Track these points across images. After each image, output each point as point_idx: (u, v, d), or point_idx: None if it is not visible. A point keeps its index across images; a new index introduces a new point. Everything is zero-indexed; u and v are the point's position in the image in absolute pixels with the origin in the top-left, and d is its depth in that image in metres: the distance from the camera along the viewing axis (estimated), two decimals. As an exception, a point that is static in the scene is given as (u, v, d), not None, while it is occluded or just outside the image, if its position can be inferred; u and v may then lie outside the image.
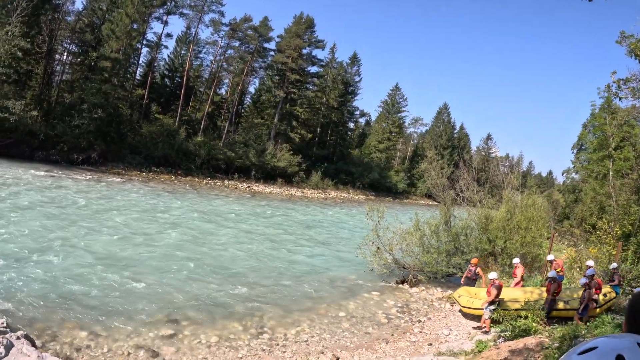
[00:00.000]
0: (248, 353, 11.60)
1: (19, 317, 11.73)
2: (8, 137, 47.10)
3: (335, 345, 12.57)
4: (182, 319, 13.16)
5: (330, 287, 18.34)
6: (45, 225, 21.94)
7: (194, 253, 20.93)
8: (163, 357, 10.99)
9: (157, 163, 57.06)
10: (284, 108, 71.20)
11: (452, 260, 20.26)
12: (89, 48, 58.69)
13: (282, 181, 65.45)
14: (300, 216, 39.18)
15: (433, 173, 27.81)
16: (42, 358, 7.85)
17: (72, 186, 35.87)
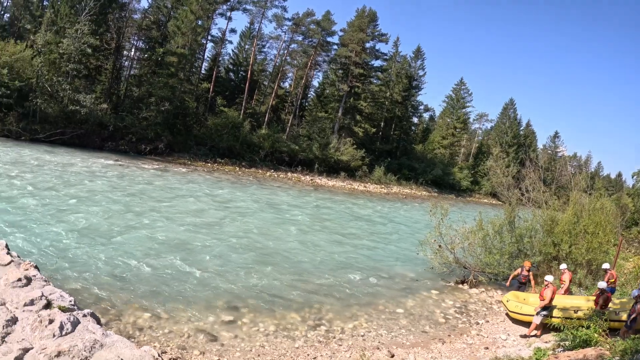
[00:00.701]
0: (304, 344, 11.74)
1: (86, 296, 12.39)
2: (80, 128, 49.62)
3: (391, 342, 12.51)
4: (242, 307, 13.45)
5: (389, 283, 18.23)
6: (114, 211, 23.02)
7: (256, 243, 21.32)
8: (221, 342, 11.27)
9: (221, 154, 58.34)
10: (347, 102, 70.98)
11: (515, 263, 19.62)
12: (156, 44, 60.64)
13: (345, 175, 65.29)
14: (361, 211, 39.10)
15: (498, 171, 27.27)
16: (106, 335, 8.11)
17: (140, 175, 37.35)
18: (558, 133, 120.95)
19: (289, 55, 75.32)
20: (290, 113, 72.59)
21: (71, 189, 26.69)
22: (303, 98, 78.50)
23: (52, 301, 9.04)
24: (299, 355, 11.07)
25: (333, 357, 11.19)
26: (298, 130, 69.86)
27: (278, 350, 11.24)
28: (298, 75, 76.82)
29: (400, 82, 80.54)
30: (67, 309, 8.77)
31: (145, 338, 10.83)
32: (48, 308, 8.75)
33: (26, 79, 49.13)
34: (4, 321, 7.99)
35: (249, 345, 11.31)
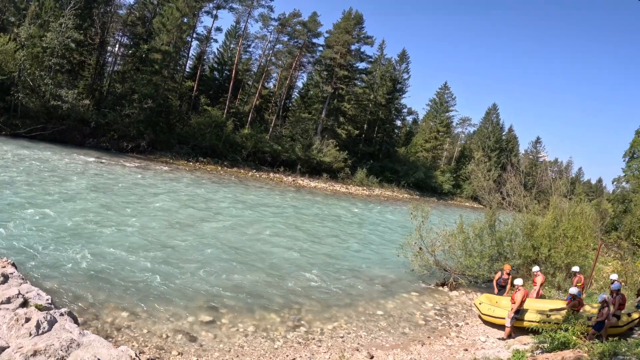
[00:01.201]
0: (284, 345, 11.76)
1: (63, 295, 12.27)
2: (61, 124, 49.16)
3: (371, 344, 12.56)
4: (221, 307, 13.43)
5: (369, 285, 18.29)
6: (92, 209, 22.76)
7: (236, 243, 21.26)
8: (200, 342, 11.26)
9: (204, 153, 58.09)
10: (331, 103, 71.10)
11: (495, 266, 19.74)
12: (140, 40, 60.40)
13: (327, 176, 65.41)
14: (343, 212, 39.17)
15: (480, 175, 27.40)
16: (84, 335, 8.09)
17: (120, 172, 37.06)
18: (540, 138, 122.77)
19: (274, 55, 75.34)
20: (273, 113, 72.54)
21: (50, 186, 26.31)
22: (287, 99, 78.58)
23: (28, 299, 9.00)
24: (278, 356, 11.08)
25: (312, 358, 11.20)
26: (281, 130, 69.85)
27: (257, 351, 11.24)
28: (282, 75, 76.86)
29: (385, 85, 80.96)
30: (44, 308, 8.73)
31: (123, 338, 10.76)
32: (25, 306, 8.71)
33: (8, 72, 48.35)
34: None
35: (228, 345, 11.30)
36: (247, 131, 63.23)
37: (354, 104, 75.41)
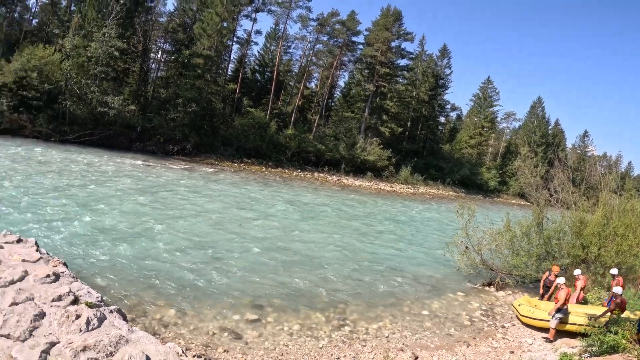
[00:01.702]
0: (328, 344, 11.75)
1: (113, 293, 12.66)
2: (108, 129, 50.70)
3: (416, 344, 12.43)
4: (267, 306, 13.53)
5: (415, 284, 18.10)
6: (141, 210, 23.49)
7: (281, 242, 21.40)
8: (246, 340, 11.36)
9: (248, 154, 58.73)
10: (374, 102, 70.74)
11: (543, 265, 19.14)
12: (182, 46, 61.76)
13: (372, 175, 65.04)
14: (388, 211, 38.94)
15: (526, 171, 26.88)
16: (132, 331, 8.31)
17: (167, 175, 37.96)
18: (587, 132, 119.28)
19: (314, 55, 75.51)
20: (316, 113, 72.65)
21: (99, 189, 27.20)
22: (329, 98, 78.56)
23: (79, 297, 9.31)
24: (323, 355, 11.08)
25: (357, 357, 11.17)
26: (324, 130, 69.92)
27: (302, 350, 11.26)
28: (324, 75, 76.88)
29: (427, 81, 80.00)
30: (94, 305, 8.99)
31: (170, 335, 10.99)
32: (75, 304, 9.01)
33: (55, 81, 50.34)
34: (32, 316, 8.22)
35: (273, 344, 11.37)
36: (290, 131, 63.66)
37: (397, 102, 74.80)
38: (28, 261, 11.07)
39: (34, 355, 7.22)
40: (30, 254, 11.49)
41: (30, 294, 9.15)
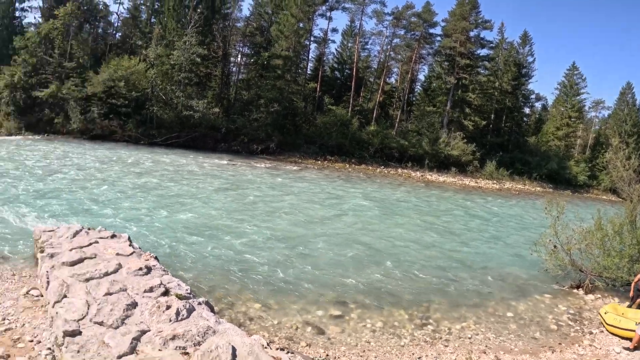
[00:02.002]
0: (410, 342, 11.66)
1: (201, 286, 13.27)
2: (194, 131, 53.14)
3: (499, 347, 12.07)
4: (351, 302, 13.62)
5: (500, 284, 17.55)
6: (227, 207, 24.63)
7: (365, 238, 21.45)
8: (328, 335, 11.51)
9: (331, 152, 59.27)
10: (455, 94, 69.06)
11: (635, 267, 17.69)
12: (260, 49, 63.55)
13: (456, 170, 63.38)
14: (473, 207, 38.06)
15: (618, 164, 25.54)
16: (219, 323, 8.66)
17: (252, 173, 39.30)
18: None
19: (392, 50, 74.79)
20: (398, 108, 71.85)
21: (187, 188, 28.71)
22: (410, 93, 77.56)
23: (169, 289, 9.86)
24: (404, 354, 10.99)
25: (438, 357, 11.01)
26: (407, 125, 69.13)
27: (383, 347, 11.24)
28: (403, 69, 75.88)
29: (509, 71, 76.52)
30: (183, 297, 9.48)
31: (255, 327, 11.33)
32: (166, 295, 9.56)
33: (142, 89, 53.71)
34: (124, 305, 8.80)
35: (355, 340, 11.43)
36: (372, 128, 63.51)
37: (479, 94, 72.22)
38: (122, 255, 11.85)
39: (125, 341, 7.67)
40: (124, 249, 12.30)
41: (123, 285, 9.80)
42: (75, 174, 29.55)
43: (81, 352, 7.53)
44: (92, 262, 11.23)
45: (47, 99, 55.82)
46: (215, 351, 7.37)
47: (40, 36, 60.10)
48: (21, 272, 12.93)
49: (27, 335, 9.56)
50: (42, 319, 10.13)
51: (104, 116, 53.17)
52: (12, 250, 14.67)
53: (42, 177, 28.05)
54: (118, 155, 40.49)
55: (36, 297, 11.28)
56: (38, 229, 14.06)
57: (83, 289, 9.66)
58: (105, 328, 8.22)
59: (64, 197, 23.30)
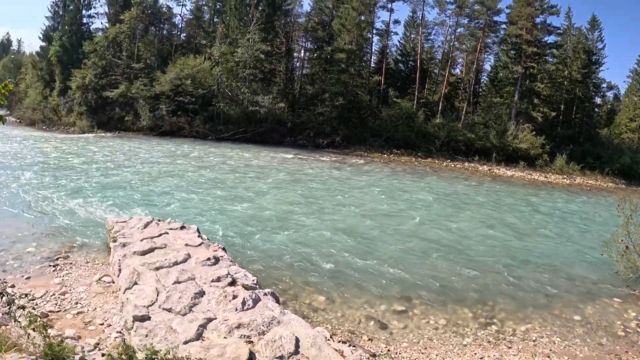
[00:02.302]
0: (473, 342, 11.43)
1: (267, 277, 13.56)
2: (260, 126, 54.23)
3: (564, 352, 11.56)
4: (415, 298, 13.52)
5: (567, 285, 16.72)
6: (293, 200, 25.05)
7: (432, 234, 21.25)
8: (391, 330, 11.47)
9: (397, 145, 58.87)
10: (523, 84, 66.61)
11: None
12: (323, 43, 63.96)
13: (524, 164, 60.93)
14: (542, 203, 36.67)
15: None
16: (284, 314, 8.84)
17: (318, 167, 39.70)
18: None
19: (456, 40, 73.17)
20: (464, 100, 70.17)
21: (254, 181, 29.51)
22: (476, 84, 75.50)
23: (236, 279, 10.13)
24: (466, 354, 10.81)
25: (500, 359, 10.78)
26: (473, 117, 67.37)
27: (445, 345, 11.10)
28: (468, 60, 74.17)
29: (578, 58, 72.27)
30: (249, 287, 9.74)
31: (318, 319, 11.45)
32: (233, 285, 9.83)
33: (208, 86, 55.65)
34: (192, 293, 9.15)
35: (417, 337, 11.34)
36: (438, 121, 62.46)
37: (548, 83, 69.17)
38: (190, 245, 12.29)
39: (192, 328, 7.97)
40: (193, 239, 12.75)
41: (191, 275, 10.19)
42: (145, 168, 30.90)
43: (149, 336, 7.86)
44: (162, 251, 11.69)
45: (117, 98, 59.12)
46: (279, 341, 7.55)
47: (108, 40, 63.45)
48: (94, 260, 13.64)
49: (97, 318, 10.12)
50: (113, 304, 10.66)
51: (172, 113, 55.34)
52: (85, 240, 15.54)
53: (113, 171, 29.50)
54: (185, 151, 41.88)
55: (108, 284, 11.86)
56: (111, 220, 14.77)
57: (153, 277, 10.09)
58: (173, 315, 8.55)
59: (133, 190, 24.48)
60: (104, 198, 21.91)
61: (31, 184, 23.99)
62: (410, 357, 10.41)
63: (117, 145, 43.29)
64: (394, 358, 10.17)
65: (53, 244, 14.90)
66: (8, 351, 6.57)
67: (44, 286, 11.60)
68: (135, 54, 63.94)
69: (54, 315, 10.19)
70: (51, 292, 11.23)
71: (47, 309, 10.40)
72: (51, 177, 26.25)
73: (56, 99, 68.49)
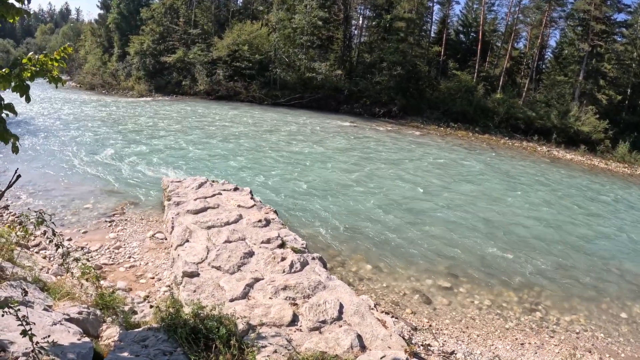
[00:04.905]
0: (516, 327, 11.29)
1: (316, 242, 13.81)
2: (316, 93, 54.29)
3: (605, 349, 11.29)
4: (461, 275, 13.47)
5: (618, 280, 16.04)
6: (348, 168, 25.25)
7: (484, 212, 20.94)
8: (434, 306, 11.49)
9: (454, 119, 57.47)
10: (589, 64, 63.86)
11: None
12: (382, 11, 62.23)
13: (585, 148, 58.78)
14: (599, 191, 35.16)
15: None
16: (330, 279, 8.94)
17: (374, 136, 39.60)
18: None
19: (520, 12, 69.99)
20: (526, 76, 67.83)
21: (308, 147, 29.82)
22: (539, 60, 72.61)
23: (286, 242, 10.32)
24: (507, 337, 10.72)
25: (541, 347, 10.59)
26: (534, 95, 64.86)
27: (487, 327, 11.03)
28: (532, 34, 71.38)
29: None
30: (298, 251, 9.90)
31: (363, 288, 11.56)
32: (282, 247, 10.02)
33: (265, 52, 56.10)
34: (242, 253, 9.38)
35: (460, 315, 11.32)
36: (498, 96, 60.49)
37: (615, 64, 66.30)
38: (243, 207, 12.57)
39: (239, 286, 8.18)
40: (245, 201, 13.01)
41: (242, 235, 10.41)
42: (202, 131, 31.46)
43: (197, 292, 8.10)
44: (215, 211, 11.97)
45: (175, 63, 60.38)
46: (323, 305, 7.63)
47: (165, 6, 64.38)
48: (148, 218, 14.11)
49: (149, 272, 10.55)
50: (164, 260, 11.06)
51: (229, 78, 56.16)
52: (140, 198, 16.15)
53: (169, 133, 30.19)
54: (242, 114, 42.51)
55: (160, 240, 12.25)
56: (166, 179, 15.17)
57: (204, 235, 10.34)
58: (222, 272, 8.78)
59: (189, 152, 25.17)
60: (162, 158, 22.70)
61: (89, 144, 24.88)
62: (452, 334, 10.43)
63: (175, 108, 44.17)
64: (435, 334, 10.20)
65: (110, 201, 15.52)
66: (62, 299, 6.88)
67: (99, 240, 12.16)
68: (192, 20, 64.76)
69: (107, 267, 10.70)
70: (106, 246, 11.78)
71: (102, 261, 10.93)
72: (109, 138, 27.14)
73: (115, 64, 70.43)
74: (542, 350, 10.59)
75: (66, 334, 5.33)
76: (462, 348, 9.80)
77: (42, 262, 9.71)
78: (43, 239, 11.33)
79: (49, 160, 20.48)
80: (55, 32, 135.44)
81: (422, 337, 9.82)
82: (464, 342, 10.18)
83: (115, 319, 7.32)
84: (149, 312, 8.07)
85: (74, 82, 73.17)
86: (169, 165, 21.42)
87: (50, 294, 6.98)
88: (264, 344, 6.32)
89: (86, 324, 6.31)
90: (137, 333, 6.32)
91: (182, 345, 5.90)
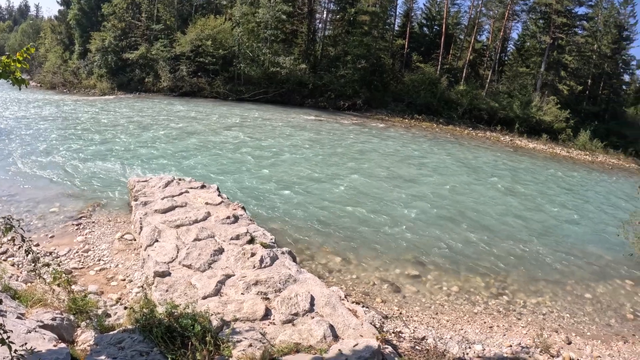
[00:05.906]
0: (484, 311, 11.65)
1: (285, 236, 13.96)
2: (281, 87, 54.38)
3: (572, 328, 11.71)
4: (429, 263, 13.78)
5: (581, 263, 16.62)
6: (314, 162, 25.45)
7: (448, 202, 21.32)
8: (404, 294, 11.77)
9: (419, 111, 58.11)
10: (550, 56, 65.27)
11: None
12: (346, 5, 62.45)
13: (547, 137, 59.97)
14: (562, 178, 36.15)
15: None
16: (300, 272, 9.09)
17: (339, 129, 39.88)
18: None
19: (484, 6, 70.96)
20: (489, 68, 68.69)
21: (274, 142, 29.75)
22: (502, 52, 73.89)
23: (255, 238, 10.39)
24: (476, 321, 11.04)
25: (509, 330, 10.93)
26: (497, 86, 66.11)
27: (456, 312, 11.36)
28: (495, 27, 72.32)
29: (609, 33, 69.94)
30: (267, 246, 10.00)
31: (333, 280, 11.78)
32: (251, 243, 10.09)
33: (228, 47, 55.96)
34: (212, 250, 9.45)
35: (430, 302, 11.62)
36: (462, 87, 61.33)
37: (576, 56, 67.84)
38: (211, 204, 12.57)
39: (211, 284, 8.26)
40: (213, 198, 13.01)
41: (211, 232, 10.47)
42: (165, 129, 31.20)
43: (169, 291, 8.17)
44: (183, 210, 11.97)
45: (137, 60, 59.44)
46: (294, 299, 7.79)
47: (127, 2, 63.01)
48: (116, 219, 14.03)
49: (120, 274, 10.53)
50: (134, 261, 11.05)
51: (193, 74, 55.70)
52: (107, 199, 16.00)
53: (134, 131, 29.94)
54: (205, 111, 42.16)
55: (129, 241, 12.22)
56: (132, 179, 15.06)
57: (173, 234, 10.38)
58: (193, 271, 8.86)
59: (154, 150, 24.90)
60: (127, 158, 22.44)
61: (53, 146, 24.35)
62: (422, 321, 10.67)
63: (137, 106, 43.64)
64: (405, 321, 10.42)
65: (76, 204, 15.33)
66: (34, 306, 6.89)
67: (67, 244, 12.03)
68: (155, 15, 63.88)
69: (77, 272, 10.62)
70: (75, 250, 11.67)
71: (71, 266, 10.84)
72: (72, 138, 26.69)
73: (76, 62, 68.78)
74: (510, 332, 10.92)
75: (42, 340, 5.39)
76: (432, 333, 10.03)
77: (10, 269, 9.58)
78: (10, 245, 11.19)
79: (9, 165, 19.96)
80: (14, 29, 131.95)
81: (393, 325, 10.04)
82: (434, 327, 10.44)
83: (89, 323, 7.36)
84: (122, 314, 8.10)
85: (35, 81, 71.37)
86: (133, 165, 21.22)
87: (22, 302, 7.01)
88: (239, 338, 6.46)
89: (61, 329, 6.35)
90: (112, 336, 6.38)
91: (159, 345, 6.00)
